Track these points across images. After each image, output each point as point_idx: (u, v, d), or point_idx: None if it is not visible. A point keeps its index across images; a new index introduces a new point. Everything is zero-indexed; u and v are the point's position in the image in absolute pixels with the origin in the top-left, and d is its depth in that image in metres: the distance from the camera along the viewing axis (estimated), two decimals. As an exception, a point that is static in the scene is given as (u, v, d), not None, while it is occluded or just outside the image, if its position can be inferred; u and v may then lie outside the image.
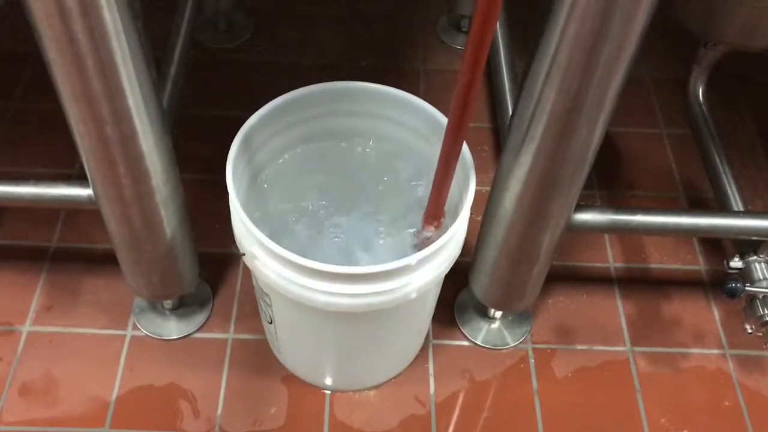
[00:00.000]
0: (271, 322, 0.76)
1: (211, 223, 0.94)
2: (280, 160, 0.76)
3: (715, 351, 0.90)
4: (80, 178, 0.69)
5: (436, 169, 0.65)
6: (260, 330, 0.86)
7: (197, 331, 0.86)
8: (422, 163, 0.75)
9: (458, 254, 0.69)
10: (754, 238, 0.76)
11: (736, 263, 0.80)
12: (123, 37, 0.54)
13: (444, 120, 0.71)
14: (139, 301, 0.87)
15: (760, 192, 1.04)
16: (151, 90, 0.60)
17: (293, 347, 0.79)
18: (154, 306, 0.86)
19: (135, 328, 0.86)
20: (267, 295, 0.72)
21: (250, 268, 0.68)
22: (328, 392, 0.83)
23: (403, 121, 0.74)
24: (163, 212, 0.69)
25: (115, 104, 0.58)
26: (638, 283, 0.95)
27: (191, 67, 1.01)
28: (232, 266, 0.93)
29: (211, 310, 0.88)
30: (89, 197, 0.69)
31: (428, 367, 0.86)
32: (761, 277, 0.78)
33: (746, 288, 0.73)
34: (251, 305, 0.89)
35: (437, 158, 0.73)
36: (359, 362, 0.80)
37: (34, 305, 0.87)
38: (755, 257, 0.79)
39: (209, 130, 1.03)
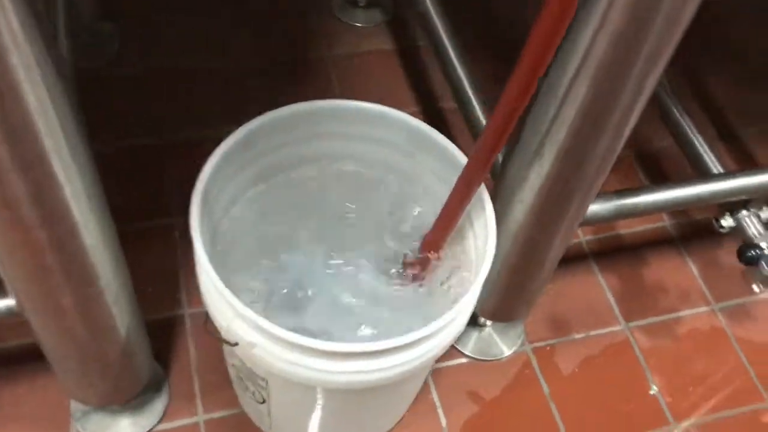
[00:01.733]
0: (263, 402, 0.64)
1: (141, 283, 0.78)
2: (238, 207, 0.63)
3: (704, 308, 0.87)
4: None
5: (450, 193, 0.54)
6: (233, 402, 0.73)
7: (160, 422, 0.71)
8: (407, 186, 0.65)
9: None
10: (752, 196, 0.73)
11: (728, 222, 0.77)
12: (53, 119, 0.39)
13: (428, 130, 0.61)
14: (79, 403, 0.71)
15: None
16: (88, 162, 0.45)
17: (292, 425, 0.67)
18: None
19: (82, 437, 0.70)
20: (262, 378, 0.59)
21: (241, 357, 0.56)
22: (331, 456, 0.72)
23: (381, 138, 0.63)
24: (115, 311, 0.54)
25: (47, 205, 0.42)
26: (613, 252, 0.91)
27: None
28: (179, 331, 0.78)
29: (170, 392, 0.73)
30: (10, 309, 0.53)
31: (432, 398, 0.77)
32: (757, 233, 0.75)
33: (766, 252, 0.70)
34: (215, 374, 0.75)
35: (423, 177, 0.64)
36: (368, 423, 0.69)
37: (-57, 442, 0.69)
38: (746, 212, 0.76)
39: (105, 168, 0.86)
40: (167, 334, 0.77)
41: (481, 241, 0.58)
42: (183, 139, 0.92)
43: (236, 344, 0.53)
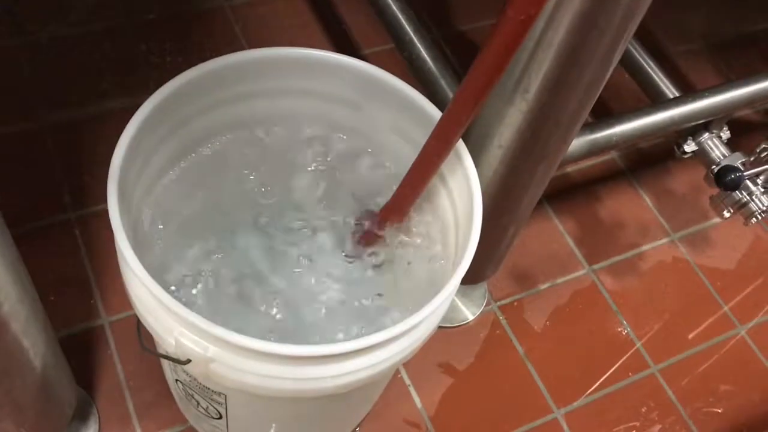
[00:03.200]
0: (219, 418, 0.54)
1: (43, 294, 0.66)
2: (159, 190, 0.51)
3: (664, 240, 0.83)
4: None
5: (422, 148, 0.46)
6: (177, 418, 0.63)
7: (93, 457, 0.60)
8: (357, 145, 0.55)
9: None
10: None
11: (691, 146, 0.72)
12: None
13: (379, 72, 0.51)
14: (-11, 452, 0.58)
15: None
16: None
17: (258, 436, 0.58)
18: (16, 449, 0.58)
19: (-2, 491, 0.58)
20: (219, 394, 0.49)
21: (194, 374, 0.46)
22: (301, 461, 0.63)
23: (320, 91, 0.53)
24: (26, 343, 0.42)
25: None
26: (564, 193, 0.85)
27: None
28: (99, 344, 0.66)
29: (99, 419, 0.62)
30: None
31: (403, 378, 0.69)
32: (720, 155, 0.71)
33: (745, 174, 0.65)
34: (151, 389, 0.64)
35: (377, 133, 0.54)
36: (343, 419, 0.61)
37: None
38: (708, 135, 0.71)
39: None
40: (86, 351, 0.65)
41: (461, 199, 0.49)
42: (63, 119, 0.78)
43: (188, 361, 0.43)
